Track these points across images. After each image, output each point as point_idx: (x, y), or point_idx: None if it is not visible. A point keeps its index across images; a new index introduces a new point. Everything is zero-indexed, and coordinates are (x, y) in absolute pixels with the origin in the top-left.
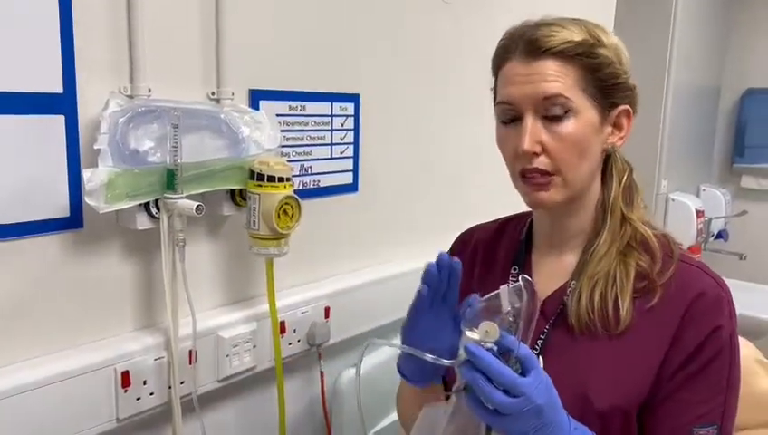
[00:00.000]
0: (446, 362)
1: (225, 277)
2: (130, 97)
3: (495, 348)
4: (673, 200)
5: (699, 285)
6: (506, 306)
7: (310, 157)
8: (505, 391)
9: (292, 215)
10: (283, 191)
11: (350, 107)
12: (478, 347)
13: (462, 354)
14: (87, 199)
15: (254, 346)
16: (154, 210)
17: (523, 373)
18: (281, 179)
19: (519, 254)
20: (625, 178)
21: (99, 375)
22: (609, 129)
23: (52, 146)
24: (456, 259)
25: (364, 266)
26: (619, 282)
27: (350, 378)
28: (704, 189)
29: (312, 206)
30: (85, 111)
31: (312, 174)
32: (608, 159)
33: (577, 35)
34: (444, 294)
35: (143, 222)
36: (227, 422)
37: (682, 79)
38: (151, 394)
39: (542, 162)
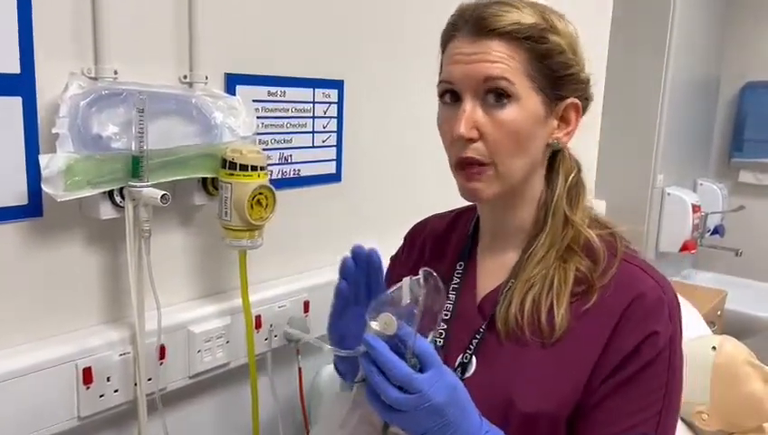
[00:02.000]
0: (343, 352)
1: (198, 269)
2: (94, 79)
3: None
4: (669, 195)
5: (639, 287)
6: (407, 298)
7: (290, 145)
8: (401, 387)
9: (267, 205)
10: (257, 180)
11: (334, 94)
12: (376, 339)
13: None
14: (44, 187)
15: (228, 341)
16: (118, 199)
17: (422, 369)
18: (254, 168)
19: (465, 248)
20: (572, 176)
21: (59, 371)
22: (554, 122)
23: (9, 129)
24: (373, 249)
25: None
26: (555, 287)
27: (329, 374)
28: (701, 184)
29: (291, 196)
30: (44, 93)
31: (292, 163)
32: (556, 155)
33: (529, 18)
34: (368, 288)
35: (107, 211)
36: (199, 420)
37: (680, 71)
38: (116, 391)
39: (477, 150)
